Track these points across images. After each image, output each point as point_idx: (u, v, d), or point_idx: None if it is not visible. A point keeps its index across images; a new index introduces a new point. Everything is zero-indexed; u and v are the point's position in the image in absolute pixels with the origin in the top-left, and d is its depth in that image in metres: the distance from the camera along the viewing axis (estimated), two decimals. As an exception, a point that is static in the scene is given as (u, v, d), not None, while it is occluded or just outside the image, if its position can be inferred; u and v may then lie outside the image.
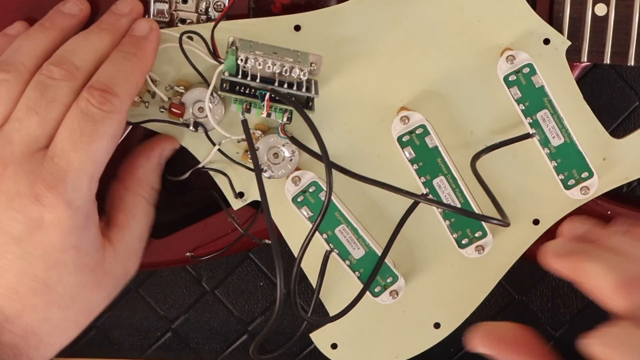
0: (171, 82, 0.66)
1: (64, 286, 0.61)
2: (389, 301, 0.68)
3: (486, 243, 0.67)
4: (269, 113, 0.64)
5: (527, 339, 0.61)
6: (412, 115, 0.66)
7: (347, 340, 0.70)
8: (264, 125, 0.67)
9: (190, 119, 0.66)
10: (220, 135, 0.66)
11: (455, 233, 0.67)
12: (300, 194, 0.66)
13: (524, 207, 0.68)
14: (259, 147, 0.66)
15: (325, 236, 0.67)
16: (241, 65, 0.62)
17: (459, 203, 0.67)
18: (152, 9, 0.67)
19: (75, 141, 0.60)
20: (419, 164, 0.66)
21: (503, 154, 0.67)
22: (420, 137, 0.66)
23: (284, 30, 0.65)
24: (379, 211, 0.68)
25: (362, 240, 0.67)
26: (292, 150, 0.66)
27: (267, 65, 0.62)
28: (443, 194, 0.67)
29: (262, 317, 0.77)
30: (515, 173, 0.67)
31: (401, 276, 0.68)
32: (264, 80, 0.63)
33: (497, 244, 0.68)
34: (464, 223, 0.67)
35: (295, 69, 0.62)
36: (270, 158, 0.66)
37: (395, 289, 0.68)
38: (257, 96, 0.63)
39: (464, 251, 0.68)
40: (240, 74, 0.63)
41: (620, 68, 0.75)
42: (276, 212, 0.67)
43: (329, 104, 0.66)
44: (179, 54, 0.64)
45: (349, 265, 0.68)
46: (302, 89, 0.63)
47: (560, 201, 0.67)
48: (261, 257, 0.77)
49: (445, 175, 0.66)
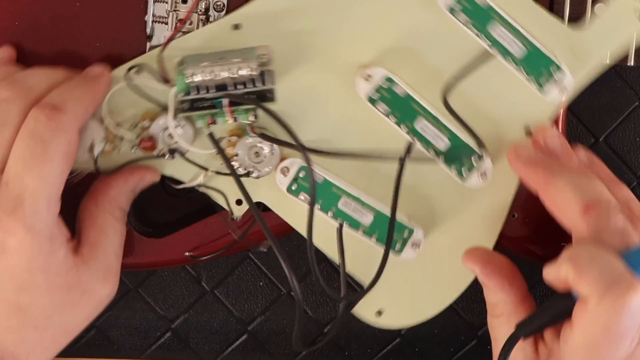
0: (135, 120, 0.66)
1: (37, 307, 0.61)
2: (413, 254, 0.68)
3: (486, 168, 0.67)
4: (234, 118, 0.64)
5: (513, 272, 0.64)
6: (374, 72, 0.65)
7: (389, 303, 0.70)
8: (237, 129, 0.67)
9: (163, 148, 0.66)
10: (198, 155, 0.66)
11: (453, 167, 0.67)
12: (293, 182, 0.66)
13: (512, 123, 0.67)
14: (238, 153, 0.66)
15: (331, 214, 0.67)
16: (191, 82, 0.62)
17: (447, 139, 0.66)
18: (152, 9, 0.67)
19: (27, 164, 0.59)
20: (396, 115, 0.66)
21: (476, 82, 0.66)
22: (388, 90, 0.65)
23: (225, 32, 0.65)
24: (373, 171, 0.67)
25: (367, 206, 0.67)
26: (270, 145, 0.66)
27: (215, 73, 0.62)
28: (430, 136, 0.66)
29: (262, 317, 0.78)
30: (494, 95, 0.66)
31: (417, 227, 0.68)
32: (218, 88, 0.63)
33: (499, 167, 0.67)
34: (458, 156, 0.66)
35: (243, 67, 0.62)
36: (252, 159, 0.66)
37: (415, 241, 0.68)
38: (216, 106, 0.63)
39: (467, 183, 0.67)
40: (194, 90, 0.63)
41: (620, 68, 0.74)
42: (278, 206, 0.67)
43: (294, 89, 0.66)
44: (131, 90, 0.64)
45: (363, 233, 0.67)
46: (257, 83, 0.63)
47: (542, 106, 0.67)
48: (261, 257, 0.78)
49: (426, 117, 0.66)
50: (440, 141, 0.66)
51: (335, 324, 0.68)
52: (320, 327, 0.75)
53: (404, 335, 0.78)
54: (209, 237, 0.68)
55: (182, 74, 0.63)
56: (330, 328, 0.68)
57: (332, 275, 0.76)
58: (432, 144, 0.66)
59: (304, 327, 0.76)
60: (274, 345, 0.76)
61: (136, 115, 0.66)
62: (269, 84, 0.63)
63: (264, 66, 0.63)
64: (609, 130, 0.74)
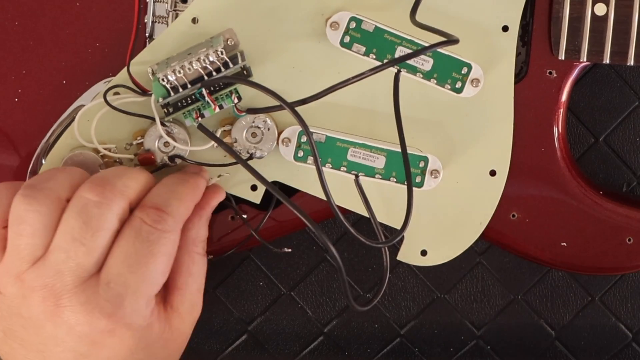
0: (127, 140, 0.66)
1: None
2: (435, 183, 0.67)
3: (478, 74, 0.66)
4: (220, 106, 0.64)
5: None
6: (339, 17, 0.65)
7: (430, 241, 0.69)
8: (228, 118, 0.66)
9: (163, 157, 0.66)
10: (198, 153, 0.66)
11: (446, 84, 0.66)
12: (298, 150, 0.66)
13: (486, 20, 0.66)
14: (236, 139, 0.66)
15: (344, 168, 0.67)
16: (166, 84, 0.63)
17: (430, 58, 0.66)
18: (152, 9, 0.67)
19: (132, 263, 0.59)
20: (373, 51, 0.66)
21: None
22: (356, 29, 0.65)
23: (186, 30, 0.65)
24: (371, 113, 0.67)
25: (376, 149, 0.66)
26: (263, 121, 0.66)
27: (187, 68, 0.62)
28: (412, 61, 0.66)
29: (262, 317, 0.77)
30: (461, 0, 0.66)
31: (430, 155, 0.67)
32: (195, 82, 0.63)
33: (491, 77, 0.67)
34: (446, 70, 0.66)
35: (210, 54, 0.62)
36: (250, 140, 0.66)
37: (432, 169, 0.67)
38: (198, 99, 0.63)
39: (464, 95, 0.66)
40: (171, 92, 0.63)
41: (620, 68, 0.74)
42: (292, 179, 0.67)
43: (271, 60, 0.66)
44: (116, 113, 0.64)
45: (381, 177, 0.67)
46: (230, 65, 0.63)
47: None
48: (261, 257, 0.77)
49: (402, 44, 0.65)
50: (425, 63, 0.66)
51: (385, 274, 0.67)
52: (320, 327, 0.75)
53: (404, 335, 0.78)
54: (208, 236, 0.67)
55: (156, 79, 0.63)
56: (380, 282, 0.67)
57: (333, 276, 0.76)
58: (418, 68, 0.66)
59: (304, 327, 0.76)
60: (274, 345, 0.76)
61: (126, 136, 0.66)
62: (241, 61, 0.63)
63: (231, 48, 0.64)
64: (609, 130, 0.74)
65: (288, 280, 0.76)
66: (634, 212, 0.69)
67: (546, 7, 0.67)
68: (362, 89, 0.66)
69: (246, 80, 0.63)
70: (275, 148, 0.66)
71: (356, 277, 0.76)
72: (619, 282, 0.76)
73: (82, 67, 0.67)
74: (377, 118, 0.67)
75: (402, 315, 0.77)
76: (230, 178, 0.67)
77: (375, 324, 0.76)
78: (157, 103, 0.64)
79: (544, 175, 0.68)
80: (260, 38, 0.66)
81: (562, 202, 0.69)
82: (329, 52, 0.66)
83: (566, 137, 0.69)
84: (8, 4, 0.67)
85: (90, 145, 0.65)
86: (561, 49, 0.67)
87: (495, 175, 0.68)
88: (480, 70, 0.66)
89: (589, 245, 0.69)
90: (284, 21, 0.66)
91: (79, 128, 0.65)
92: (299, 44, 0.66)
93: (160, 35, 0.66)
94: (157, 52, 0.65)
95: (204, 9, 0.65)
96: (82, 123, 0.65)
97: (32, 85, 0.68)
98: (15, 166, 0.68)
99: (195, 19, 0.65)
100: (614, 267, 0.70)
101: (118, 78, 0.66)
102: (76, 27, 0.67)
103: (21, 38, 0.67)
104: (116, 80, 0.65)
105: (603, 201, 0.69)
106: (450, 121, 0.67)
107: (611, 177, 0.75)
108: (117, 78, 0.66)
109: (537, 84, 0.68)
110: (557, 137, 0.68)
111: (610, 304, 0.76)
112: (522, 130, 0.68)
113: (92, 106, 0.65)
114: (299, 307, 0.75)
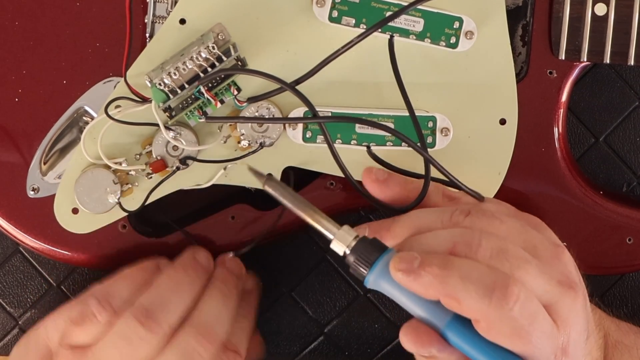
0: (137, 150, 0.66)
1: None
2: (447, 140, 0.67)
3: (470, 27, 0.66)
4: (221, 100, 0.64)
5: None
6: (323, -7, 0.65)
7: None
8: (232, 112, 0.67)
9: (174, 162, 0.66)
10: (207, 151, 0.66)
11: (441, 40, 0.66)
12: (305, 131, 0.66)
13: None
14: (242, 132, 0.66)
15: (354, 142, 0.67)
16: (164, 89, 0.63)
17: (421, 18, 0.66)
18: (152, 9, 0.68)
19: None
20: (363, 21, 0.66)
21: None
22: (343, 2, 0.65)
23: (176, 32, 0.66)
24: (374, 85, 0.67)
25: (383, 117, 0.67)
26: (266, 109, 0.66)
27: (181, 69, 0.63)
28: (403, 24, 0.66)
29: (263, 317, 0.76)
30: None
31: (436, 113, 0.67)
32: (191, 81, 0.63)
33: (484, 27, 0.66)
34: (438, 27, 0.66)
35: (202, 51, 0.63)
36: (258, 130, 0.66)
37: (443, 127, 0.67)
38: (198, 97, 0.64)
39: (460, 49, 0.66)
40: (170, 95, 0.63)
41: (620, 68, 0.74)
42: (305, 161, 0.67)
43: (262, 49, 0.66)
44: (120, 126, 0.65)
45: (393, 145, 0.67)
46: (223, 59, 0.63)
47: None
48: (261, 257, 0.76)
49: (389, 9, 0.65)
50: (416, 24, 0.66)
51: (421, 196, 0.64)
52: (320, 327, 0.75)
53: (404, 335, 0.78)
54: (209, 237, 0.68)
55: (153, 85, 0.63)
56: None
57: (332, 276, 0.75)
58: (410, 30, 0.66)
59: (304, 327, 0.76)
60: (274, 346, 0.76)
61: (135, 147, 0.66)
62: (234, 53, 0.63)
63: (223, 42, 0.64)
64: (609, 130, 0.73)
65: (288, 280, 0.76)
66: (634, 212, 0.69)
67: (546, 7, 0.67)
68: (361, 61, 0.66)
69: (242, 69, 0.63)
70: (283, 133, 0.66)
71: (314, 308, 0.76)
72: (619, 282, 0.76)
73: (82, 67, 0.67)
74: (380, 88, 0.67)
75: (402, 315, 0.76)
76: (238, 169, 0.67)
77: (375, 324, 0.76)
78: (158, 108, 0.64)
79: (544, 175, 0.69)
80: (250, 28, 0.66)
81: (562, 202, 0.69)
82: (320, 30, 0.66)
83: (566, 137, 0.69)
84: (8, 4, 0.67)
85: (100, 162, 0.66)
86: (561, 49, 0.67)
87: (505, 123, 0.68)
88: (472, 22, 0.66)
89: (588, 245, 0.69)
90: (271, 7, 0.66)
91: (86, 147, 0.66)
92: (289, 27, 0.66)
93: (152, 41, 0.66)
94: (151, 58, 0.65)
95: (189, 9, 0.65)
96: (88, 142, 0.66)
97: (32, 85, 0.68)
98: (15, 166, 0.68)
99: (182, 19, 0.66)
100: (614, 267, 0.70)
101: (117, 91, 0.66)
102: (76, 27, 0.67)
103: (21, 38, 0.68)
104: (115, 93, 0.66)
105: (603, 201, 0.69)
106: (452, 78, 0.67)
107: (611, 177, 0.74)
108: (116, 91, 0.66)
109: (537, 84, 0.68)
110: (558, 137, 0.68)
111: (611, 304, 0.76)
112: (523, 130, 0.68)
113: (95, 123, 0.66)
114: (299, 307, 0.75)
